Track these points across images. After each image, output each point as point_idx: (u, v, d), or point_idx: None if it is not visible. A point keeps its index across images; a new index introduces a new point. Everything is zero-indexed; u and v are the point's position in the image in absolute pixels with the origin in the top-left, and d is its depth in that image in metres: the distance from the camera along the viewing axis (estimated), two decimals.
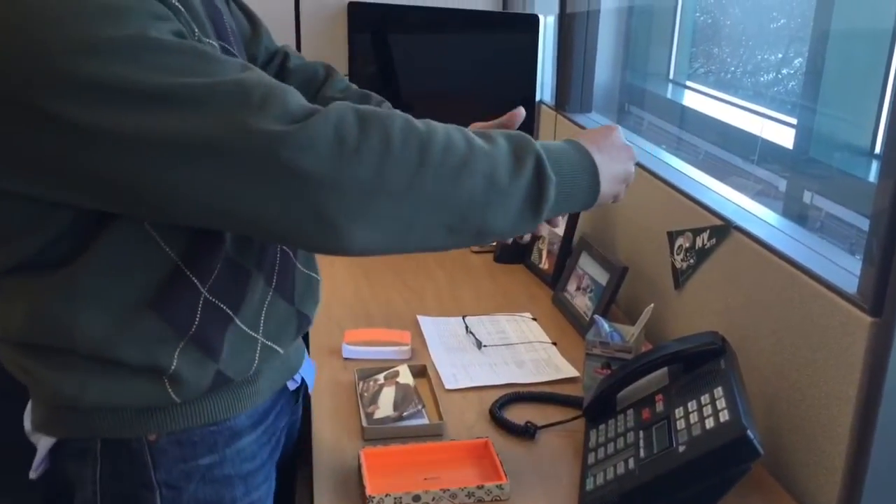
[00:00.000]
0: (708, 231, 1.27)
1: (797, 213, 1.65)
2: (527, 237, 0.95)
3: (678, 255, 1.36)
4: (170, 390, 0.81)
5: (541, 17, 1.98)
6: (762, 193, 1.80)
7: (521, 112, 1.01)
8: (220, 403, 0.86)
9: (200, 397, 0.84)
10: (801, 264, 1.04)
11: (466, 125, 0.90)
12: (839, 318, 0.96)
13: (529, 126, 2.08)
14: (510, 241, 0.92)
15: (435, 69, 2.15)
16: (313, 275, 0.98)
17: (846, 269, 1.02)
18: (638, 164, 0.90)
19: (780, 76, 2.12)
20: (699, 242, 1.29)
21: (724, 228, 1.23)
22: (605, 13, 1.99)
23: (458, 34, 2.14)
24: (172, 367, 0.80)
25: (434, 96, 2.07)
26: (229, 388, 0.86)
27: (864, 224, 1.08)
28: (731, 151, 1.98)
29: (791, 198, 1.72)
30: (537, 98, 2.06)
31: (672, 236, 1.38)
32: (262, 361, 0.88)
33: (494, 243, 1.78)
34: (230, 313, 0.83)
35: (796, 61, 2.03)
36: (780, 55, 2.15)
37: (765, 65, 2.24)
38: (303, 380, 1.04)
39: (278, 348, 0.90)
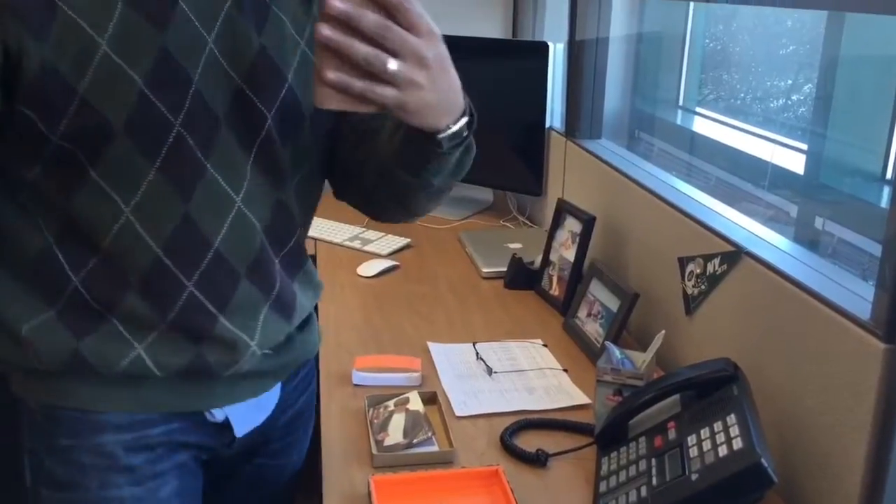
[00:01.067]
0: (719, 257, 1.27)
1: (809, 239, 1.65)
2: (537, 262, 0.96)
3: (689, 280, 1.35)
4: (28, 353, 0.89)
5: (550, 45, 2.00)
6: (774, 219, 1.80)
7: None
8: (84, 392, 0.92)
9: (66, 378, 0.90)
10: (813, 290, 1.04)
11: (477, 149, 0.92)
12: (852, 345, 0.95)
13: (539, 151, 2.09)
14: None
15: None
16: (237, 335, 0.94)
17: (859, 295, 1.01)
18: (649, 190, 0.90)
19: (789, 102, 2.13)
20: (710, 268, 1.29)
21: (735, 254, 1.23)
22: (614, 40, 2.00)
23: (469, 61, 2.16)
24: (24, 329, 0.88)
25: None
26: (97, 380, 0.91)
27: (877, 250, 1.08)
28: (741, 177, 1.98)
29: (803, 223, 1.71)
30: (547, 124, 2.07)
31: (683, 262, 1.38)
32: (137, 370, 0.90)
33: (505, 269, 1.78)
34: (100, 311, 0.89)
35: (806, 87, 2.04)
36: (789, 81, 2.16)
37: (774, 90, 2.24)
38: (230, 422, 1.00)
39: (155, 370, 0.91)
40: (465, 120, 0.82)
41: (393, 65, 0.71)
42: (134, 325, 0.90)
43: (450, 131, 0.81)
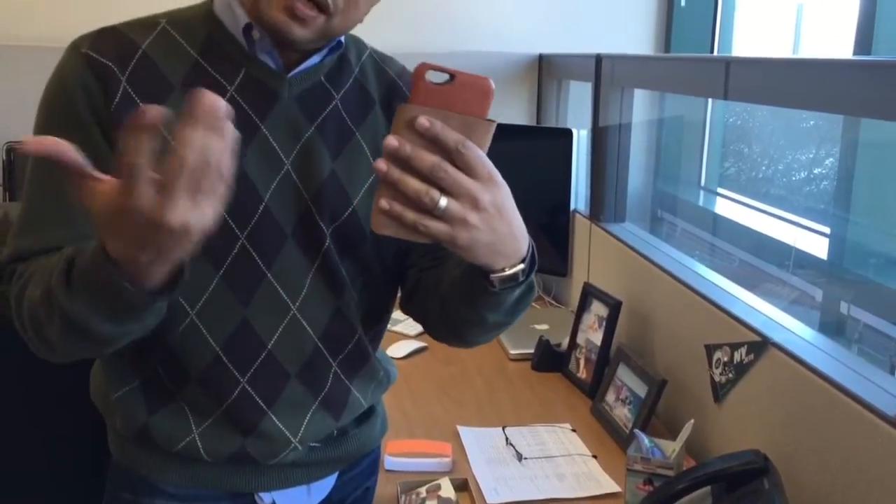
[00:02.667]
0: (745, 346, 1.29)
1: (835, 324, 1.67)
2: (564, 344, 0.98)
3: (717, 368, 1.37)
4: (115, 418, 0.99)
5: (574, 131, 2.06)
6: (799, 302, 1.82)
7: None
8: (148, 461, 1.00)
9: (137, 445, 0.99)
10: (839, 384, 1.06)
11: None
12: (880, 441, 0.96)
13: (564, 233, 2.13)
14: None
15: None
16: (280, 430, 0.98)
17: (885, 390, 1.03)
18: (674, 276, 0.92)
19: (812, 175, 2.16)
20: (737, 357, 1.31)
21: (761, 344, 1.25)
22: (636, 125, 2.07)
23: (496, 145, 2.23)
24: (114, 397, 0.97)
25: None
26: (159, 453, 0.99)
27: None
28: (765, 260, 2.01)
29: (828, 308, 1.73)
30: (572, 207, 2.12)
31: (710, 349, 1.40)
32: (191, 453, 0.97)
33: (532, 350, 1.81)
34: (173, 392, 0.96)
35: (827, 160, 2.07)
36: (811, 154, 2.20)
37: (797, 165, 2.28)
38: None
39: (205, 456, 0.97)
40: (521, 266, 0.84)
41: (444, 202, 0.73)
42: (196, 411, 0.97)
43: (504, 274, 0.83)
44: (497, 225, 0.78)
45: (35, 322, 0.81)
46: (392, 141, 0.71)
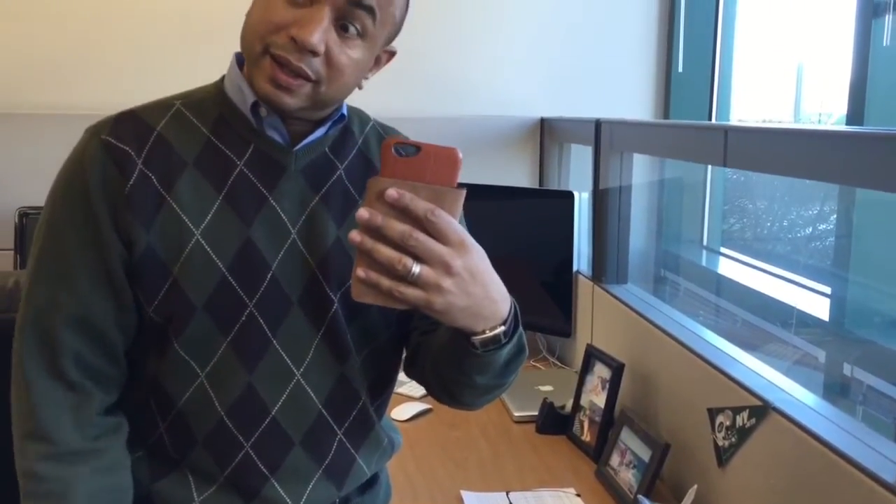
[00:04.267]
0: (747, 410, 1.29)
1: (839, 385, 1.66)
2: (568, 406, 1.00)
3: (720, 432, 1.37)
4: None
5: (576, 194, 2.10)
6: (802, 362, 1.82)
7: None
8: None
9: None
10: (839, 450, 1.06)
11: (511, 294, 0.93)
12: None
13: (568, 294, 2.15)
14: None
15: (476, 239, 2.26)
16: (282, 497, 0.99)
17: (885, 456, 1.03)
18: (676, 340, 0.93)
19: (814, 232, 2.18)
20: (739, 421, 1.31)
21: (762, 409, 1.25)
22: (637, 187, 2.10)
23: (501, 207, 2.28)
24: (135, 456, 0.99)
25: None
26: None
27: None
28: (768, 320, 2.01)
29: (831, 370, 1.73)
30: (574, 268, 2.15)
31: (713, 413, 1.40)
32: None
33: (536, 412, 1.81)
34: (177, 459, 0.98)
35: (832, 216, 2.09)
36: (813, 211, 2.22)
37: (801, 221, 2.30)
38: None
39: None
40: (502, 328, 0.86)
41: (416, 269, 0.77)
42: (199, 477, 0.98)
43: (484, 336, 0.85)
44: (471, 289, 0.80)
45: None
46: (363, 213, 0.76)
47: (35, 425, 0.90)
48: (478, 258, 0.81)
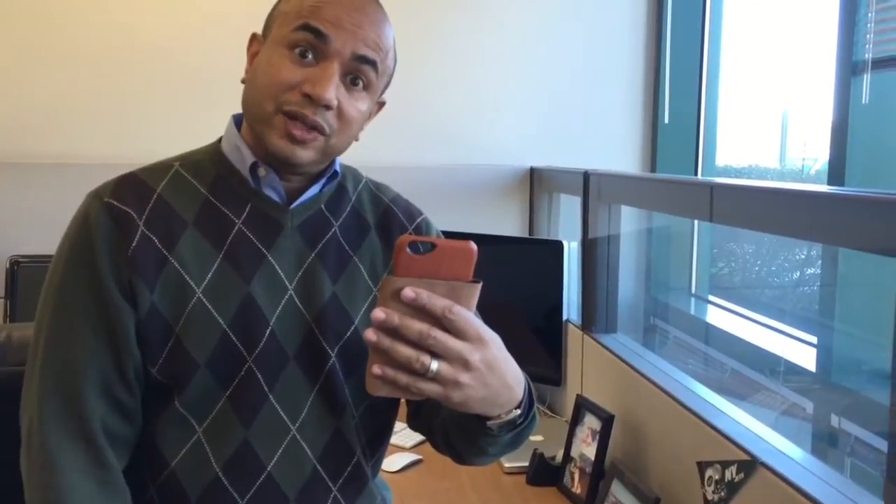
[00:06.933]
0: (736, 465, 1.30)
1: (827, 437, 1.68)
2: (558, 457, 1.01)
3: (709, 486, 1.38)
4: None
5: (565, 243, 2.12)
6: (789, 413, 1.84)
7: None
8: None
9: None
10: None
11: (500, 335, 0.93)
12: None
13: (557, 343, 2.16)
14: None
15: None
16: None
17: None
18: (665, 392, 0.94)
19: (801, 278, 2.20)
20: (728, 475, 1.32)
21: (750, 464, 1.26)
22: (626, 236, 2.13)
23: (490, 256, 2.29)
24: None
25: None
26: None
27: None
28: (756, 369, 2.03)
29: (819, 421, 1.75)
30: (564, 317, 2.16)
31: (702, 467, 1.41)
32: None
33: (527, 464, 1.80)
34: None
35: (819, 262, 2.11)
36: (802, 255, 2.25)
37: (787, 265, 2.33)
38: None
39: None
40: (517, 412, 0.87)
41: (435, 366, 0.75)
42: None
43: (500, 420, 0.86)
44: (489, 380, 0.79)
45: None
46: (379, 313, 0.74)
47: None
48: (495, 349, 0.80)
